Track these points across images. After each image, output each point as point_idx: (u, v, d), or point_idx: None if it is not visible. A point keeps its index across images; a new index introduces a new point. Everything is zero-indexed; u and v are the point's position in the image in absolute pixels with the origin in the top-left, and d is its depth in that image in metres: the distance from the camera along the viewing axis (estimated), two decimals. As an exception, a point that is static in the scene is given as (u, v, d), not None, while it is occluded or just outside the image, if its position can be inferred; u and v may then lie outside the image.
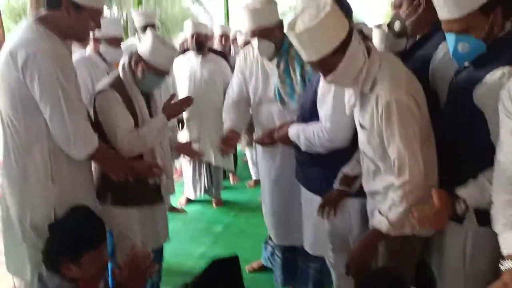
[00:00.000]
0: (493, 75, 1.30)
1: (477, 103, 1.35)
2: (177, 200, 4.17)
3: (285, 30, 2.05)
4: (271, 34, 2.17)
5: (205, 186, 4.04)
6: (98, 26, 1.77)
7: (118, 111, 2.00)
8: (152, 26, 3.51)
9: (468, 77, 1.41)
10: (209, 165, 4.00)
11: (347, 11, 1.69)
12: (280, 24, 2.24)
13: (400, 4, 1.80)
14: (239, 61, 2.46)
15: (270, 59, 2.28)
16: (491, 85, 1.30)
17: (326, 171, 1.92)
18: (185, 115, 3.72)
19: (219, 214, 4.02)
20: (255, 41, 2.20)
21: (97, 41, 2.63)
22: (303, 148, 1.97)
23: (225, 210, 4.08)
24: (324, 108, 1.86)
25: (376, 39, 1.96)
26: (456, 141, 1.47)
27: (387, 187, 1.55)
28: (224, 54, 4.24)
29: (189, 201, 4.21)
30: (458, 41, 1.36)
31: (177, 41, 4.95)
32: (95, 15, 1.72)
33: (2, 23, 6.20)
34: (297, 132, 1.99)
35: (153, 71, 2.06)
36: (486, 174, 1.34)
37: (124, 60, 2.13)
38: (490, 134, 1.34)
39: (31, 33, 1.61)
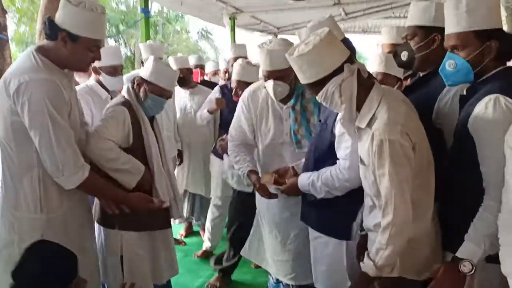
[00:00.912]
0: (480, 104, 1.39)
1: (471, 134, 1.42)
2: (177, 232, 4.08)
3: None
4: (287, 76, 2.12)
5: (191, 209, 3.93)
6: (98, 57, 1.79)
7: (115, 123, 1.97)
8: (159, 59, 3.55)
9: (465, 112, 1.47)
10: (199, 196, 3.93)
11: (350, 50, 1.70)
12: None
13: (413, 36, 1.76)
14: (242, 104, 2.37)
15: (284, 102, 2.23)
16: (477, 113, 1.39)
17: (342, 211, 1.89)
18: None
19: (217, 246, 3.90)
20: (269, 83, 2.14)
21: (96, 70, 2.64)
22: (320, 195, 1.92)
23: (223, 242, 3.97)
24: (342, 147, 1.83)
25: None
26: (463, 179, 1.49)
27: (376, 225, 1.55)
28: (216, 85, 4.20)
29: (188, 233, 4.15)
30: (448, 58, 1.51)
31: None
32: (93, 46, 1.73)
33: (10, 53, 6.33)
34: (310, 180, 1.94)
35: (155, 92, 2.07)
36: (476, 224, 1.40)
37: (128, 84, 2.16)
38: (479, 155, 1.40)
39: (29, 62, 1.64)
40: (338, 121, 1.74)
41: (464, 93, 1.55)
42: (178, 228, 4.10)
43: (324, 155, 1.93)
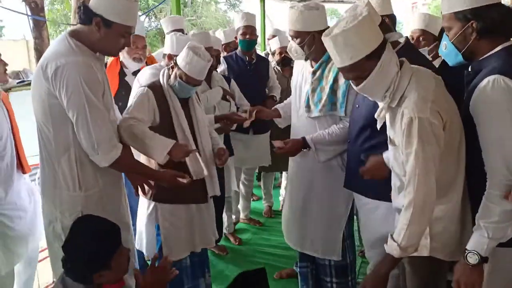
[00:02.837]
0: (480, 87, 1.40)
1: (471, 112, 1.45)
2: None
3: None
4: (301, 40, 2.16)
5: None
6: (128, 43, 1.84)
7: (138, 103, 2.08)
8: (180, 32, 3.51)
9: (468, 93, 1.49)
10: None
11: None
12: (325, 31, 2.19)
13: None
14: (294, 71, 2.48)
15: (312, 66, 2.27)
16: (476, 96, 1.41)
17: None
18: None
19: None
20: (293, 42, 2.22)
21: (171, 57, 2.63)
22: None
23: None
24: None
25: None
26: (475, 161, 1.48)
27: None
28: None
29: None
30: (443, 39, 1.57)
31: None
32: (125, 32, 1.77)
33: (48, 34, 6.47)
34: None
35: (183, 78, 2.13)
36: (479, 214, 1.42)
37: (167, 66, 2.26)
38: (480, 137, 1.43)
39: (63, 47, 1.71)
40: None
41: (470, 70, 1.53)
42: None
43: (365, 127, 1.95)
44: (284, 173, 4.18)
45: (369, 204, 2.03)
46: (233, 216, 3.72)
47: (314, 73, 2.23)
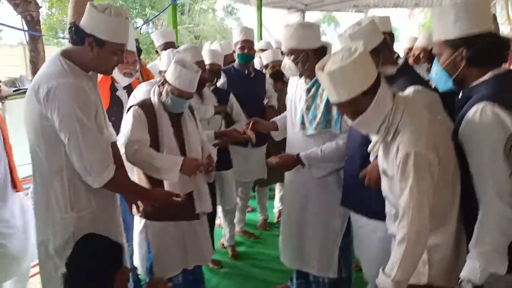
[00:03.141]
0: (469, 114, 1.43)
1: (460, 139, 1.47)
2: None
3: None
4: (295, 57, 2.19)
5: None
6: (122, 61, 1.84)
7: (134, 124, 2.12)
8: (171, 44, 3.51)
9: (458, 119, 1.51)
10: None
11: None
12: (319, 49, 2.22)
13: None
14: (289, 87, 2.50)
15: (306, 83, 2.29)
16: (466, 124, 1.44)
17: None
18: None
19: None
20: (287, 60, 2.25)
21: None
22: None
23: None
24: None
25: None
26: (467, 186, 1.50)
27: None
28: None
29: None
30: (433, 65, 1.60)
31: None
32: (118, 50, 1.78)
33: (43, 47, 6.44)
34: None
35: (175, 93, 2.15)
36: (472, 241, 1.43)
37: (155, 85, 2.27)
38: (470, 166, 1.46)
39: (56, 68, 1.71)
40: None
41: (460, 96, 1.56)
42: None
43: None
44: (278, 184, 4.17)
45: (368, 226, 2.02)
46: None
47: (308, 90, 2.25)
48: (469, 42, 1.46)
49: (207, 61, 3.15)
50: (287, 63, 2.24)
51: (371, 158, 1.68)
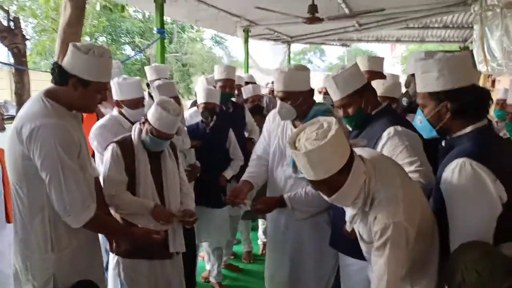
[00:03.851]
0: (448, 169, 1.47)
1: (441, 188, 1.51)
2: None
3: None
4: (294, 100, 2.20)
5: None
6: (105, 98, 1.87)
7: (111, 163, 2.18)
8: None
9: (440, 170, 1.54)
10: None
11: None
12: (309, 93, 2.26)
13: (409, 84, 1.80)
14: (267, 121, 2.51)
15: (295, 126, 2.29)
16: (445, 178, 1.48)
17: None
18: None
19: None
20: (278, 103, 2.25)
21: (118, 104, 2.68)
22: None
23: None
24: None
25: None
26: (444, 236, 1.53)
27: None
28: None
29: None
30: (417, 114, 1.65)
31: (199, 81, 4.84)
32: (101, 89, 1.80)
33: (29, 79, 6.47)
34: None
35: (153, 133, 2.19)
36: None
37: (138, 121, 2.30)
38: (448, 215, 1.49)
39: (39, 107, 1.70)
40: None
41: (443, 144, 1.61)
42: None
43: None
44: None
45: (354, 265, 2.00)
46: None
47: None
48: (453, 96, 1.49)
49: (201, 100, 3.22)
50: (284, 109, 2.23)
51: (348, 228, 1.67)
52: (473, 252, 1.37)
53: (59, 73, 1.73)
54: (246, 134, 3.81)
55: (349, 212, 1.61)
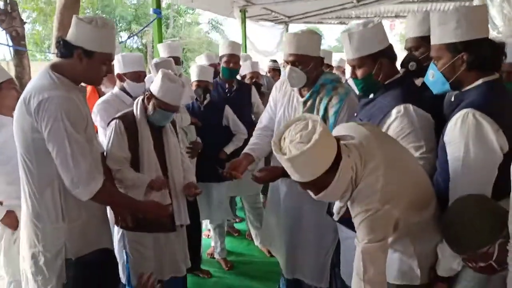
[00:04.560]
0: (452, 120, 1.48)
1: (444, 140, 1.52)
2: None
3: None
4: (306, 64, 2.13)
5: None
6: (110, 70, 1.87)
7: (114, 139, 2.19)
8: (176, 58, 3.55)
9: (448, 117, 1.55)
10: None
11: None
12: (319, 60, 2.20)
13: (418, 47, 1.74)
14: (274, 90, 2.45)
15: (303, 96, 2.24)
16: (448, 128, 1.50)
17: None
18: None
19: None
20: (287, 68, 2.17)
21: (121, 77, 2.69)
22: None
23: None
24: None
25: None
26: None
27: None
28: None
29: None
30: (430, 68, 1.63)
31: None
32: (106, 59, 1.80)
33: (29, 62, 6.45)
34: None
35: (162, 106, 2.18)
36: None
37: (140, 97, 2.28)
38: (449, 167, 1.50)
39: (46, 80, 1.71)
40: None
41: (452, 99, 1.61)
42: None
43: None
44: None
45: (352, 238, 1.97)
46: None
47: (305, 103, 2.20)
48: (470, 47, 1.49)
49: (194, 78, 3.20)
50: (294, 74, 2.15)
51: (335, 218, 1.68)
52: (470, 205, 1.40)
53: (64, 46, 1.74)
54: (254, 118, 3.68)
55: (337, 204, 1.61)
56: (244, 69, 4.14)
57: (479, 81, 1.52)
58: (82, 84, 1.88)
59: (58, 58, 1.78)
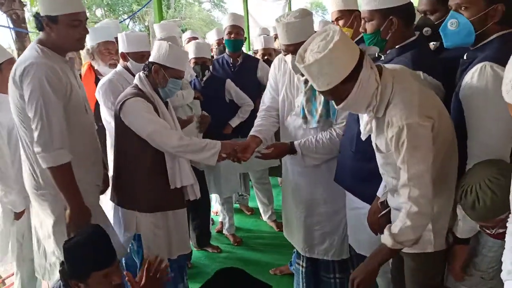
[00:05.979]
0: (469, 74, 1.41)
1: (460, 98, 1.45)
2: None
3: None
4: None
5: None
6: (85, 31, 1.87)
7: (152, 116, 2.04)
8: (173, 38, 3.50)
9: (461, 80, 1.47)
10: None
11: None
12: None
13: (434, 11, 1.68)
14: (273, 69, 2.40)
15: (302, 74, 2.15)
16: (465, 84, 1.42)
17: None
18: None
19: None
20: (288, 57, 2.10)
21: (124, 56, 2.64)
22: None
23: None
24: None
25: None
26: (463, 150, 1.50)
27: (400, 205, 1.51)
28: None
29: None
30: (451, 17, 1.49)
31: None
32: (73, 20, 1.80)
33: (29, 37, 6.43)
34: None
35: (174, 75, 2.14)
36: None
37: (140, 73, 2.19)
38: (466, 124, 1.45)
39: (32, 52, 1.79)
40: None
41: (465, 58, 1.53)
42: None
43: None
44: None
45: (362, 209, 1.94)
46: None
47: (306, 82, 2.15)
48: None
49: (191, 55, 3.15)
50: (289, 62, 2.10)
51: (363, 137, 1.63)
52: (488, 170, 1.35)
53: (35, 19, 1.81)
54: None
55: (364, 119, 1.58)
56: (257, 44, 4.04)
57: (492, 36, 1.45)
58: (71, 55, 1.92)
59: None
